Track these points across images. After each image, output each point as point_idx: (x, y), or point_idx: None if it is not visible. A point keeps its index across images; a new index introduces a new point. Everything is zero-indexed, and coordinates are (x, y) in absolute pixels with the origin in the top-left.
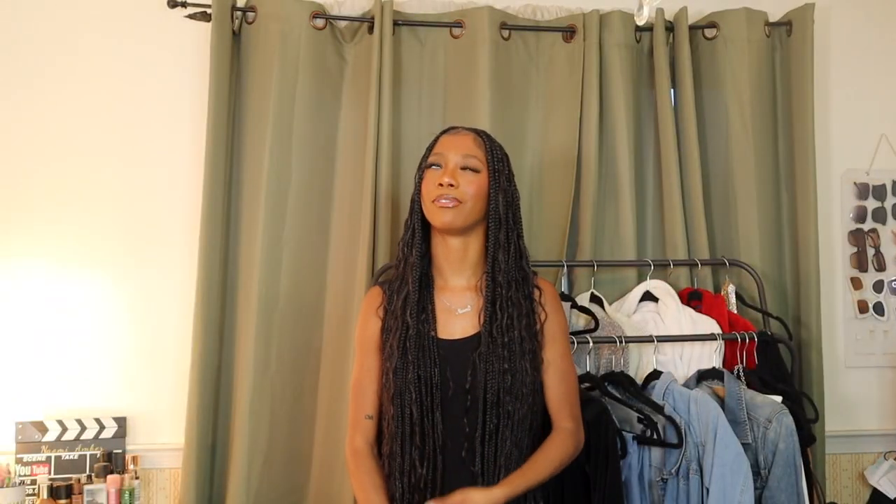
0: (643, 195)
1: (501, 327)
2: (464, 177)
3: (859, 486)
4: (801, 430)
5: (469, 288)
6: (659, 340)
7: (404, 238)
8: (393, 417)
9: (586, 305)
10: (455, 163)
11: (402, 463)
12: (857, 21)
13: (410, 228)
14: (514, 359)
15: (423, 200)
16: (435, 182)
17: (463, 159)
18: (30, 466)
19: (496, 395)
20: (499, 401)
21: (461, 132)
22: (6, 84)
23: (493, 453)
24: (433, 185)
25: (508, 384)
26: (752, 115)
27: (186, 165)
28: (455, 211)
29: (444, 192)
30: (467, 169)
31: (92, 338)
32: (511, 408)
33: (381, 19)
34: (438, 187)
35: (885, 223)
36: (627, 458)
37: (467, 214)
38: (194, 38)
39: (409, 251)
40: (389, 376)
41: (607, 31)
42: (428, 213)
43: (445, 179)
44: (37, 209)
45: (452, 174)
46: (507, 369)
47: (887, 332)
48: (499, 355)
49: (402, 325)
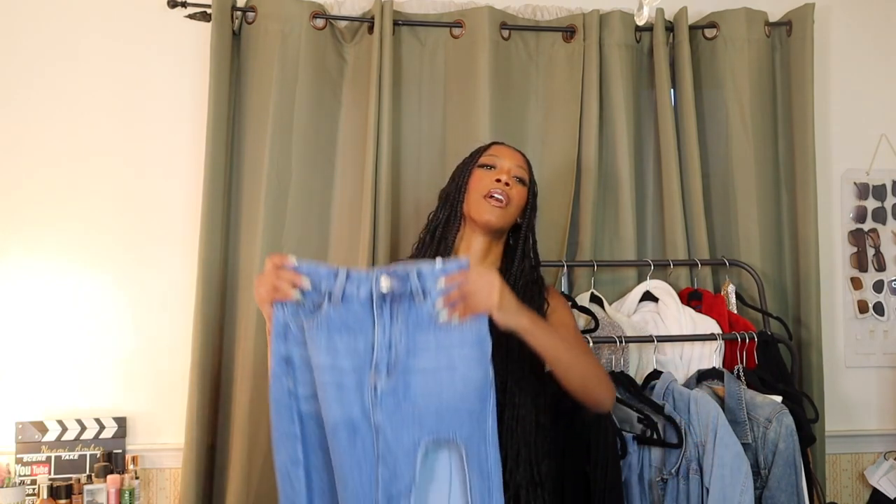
0: (643, 195)
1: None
2: (515, 184)
3: (859, 486)
4: (801, 430)
5: None
6: (659, 340)
7: (440, 226)
8: None
9: (586, 305)
10: (510, 169)
11: None
12: (857, 21)
13: (453, 217)
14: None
15: (470, 195)
16: (491, 178)
17: (516, 169)
18: (30, 466)
19: (504, 383)
20: (506, 389)
21: (511, 147)
22: (6, 84)
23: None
24: (489, 181)
25: (517, 377)
26: (752, 115)
27: (186, 165)
28: (502, 211)
29: (500, 188)
30: (517, 178)
31: (92, 338)
32: (517, 400)
33: (381, 19)
34: (495, 182)
35: (885, 223)
36: (627, 458)
37: (510, 217)
38: (194, 38)
39: (442, 237)
40: None
41: (607, 31)
42: (474, 207)
43: (504, 177)
44: (37, 209)
45: (509, 176)
46: (516, 359)
47: (887, 332)
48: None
49: None
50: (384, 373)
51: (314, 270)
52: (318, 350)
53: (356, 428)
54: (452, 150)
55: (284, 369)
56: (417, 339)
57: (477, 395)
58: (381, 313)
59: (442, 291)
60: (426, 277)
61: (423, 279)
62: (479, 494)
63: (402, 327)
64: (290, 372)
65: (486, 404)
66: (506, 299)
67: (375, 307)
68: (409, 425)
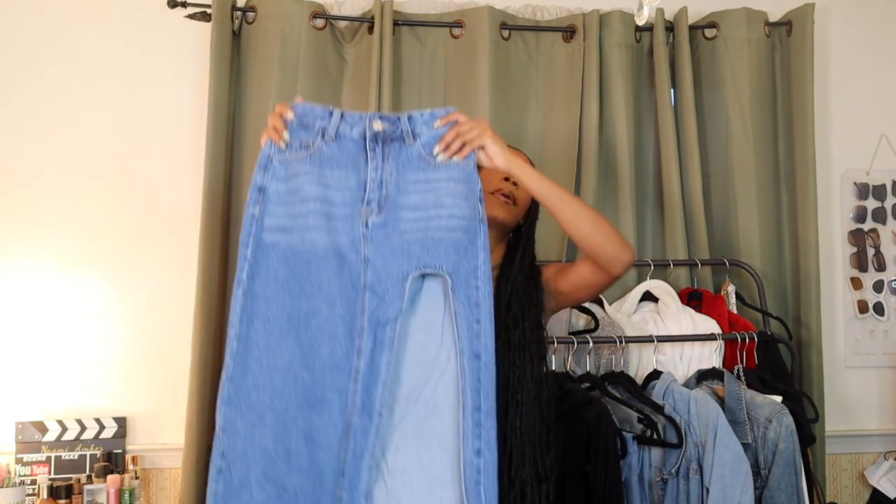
0: (643, 195)
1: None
2: (521, 186)
3: (859, 486)
4: (801, 430)
5: None
6: (659, 340)
7: None
8: None
9: (586, 305)
10: None
11: None
12: (857, 21)
13: None
14: (521, 341)
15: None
16: (500, 178)
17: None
18: (30, 466)
19: (506, 379)
20: (508, 385)
21: (517, 150)
22: (6, 85)
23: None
24: (497, 180)
25: (518, 374)
26: (752, 115)
27: (186, 165)
28: (510, 209)
29: (508, 188)
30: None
31: (92, 338)
32: (520, 397)
33: (381, 19)
34: (503, 182)
35: (885, 223)
36: (627, 458)
37: (515, 216)
38: (194, 38)
39: None
40: None
41: (607, 31)
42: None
43: (512, 177)
44: (37, 209)
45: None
46: (515, 344)
47: (887, 332)
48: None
49: None
50: (375, 208)
51: (310, 109)
52: (309, 181)
53: (343, 257)
54: None
55: (255, 197)
56: (407, 177)
57: (464, 229)
58: (374, 153)
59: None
60: (416, 121)
61: (413, 122)
62: (464, 322)
63: (392, 166)
64: (259, 200)
65: (476, 240)
66: (497, 136)
67: (368, 146)
68: (399, 257)
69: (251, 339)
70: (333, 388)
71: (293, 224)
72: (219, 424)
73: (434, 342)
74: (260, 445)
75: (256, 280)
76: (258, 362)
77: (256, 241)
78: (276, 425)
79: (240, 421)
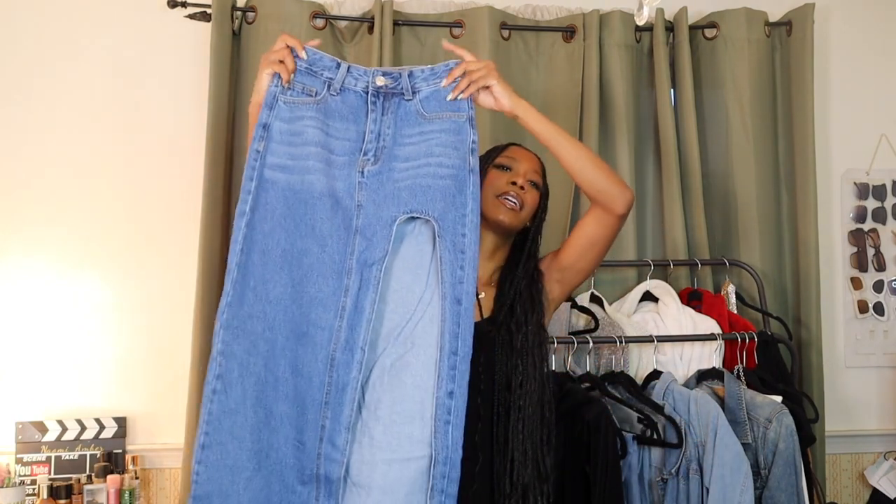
0: (643, 195)
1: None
2: (529, 189)
3: (859, 486)
4: (801, 430)
5: (488, 282)
6: (659, 340)
7: None
8: None
9: (586, 305)
10: (526, 172)
11: None
12: (857, 21)
13: None
14: (525, 345)
15: (485, 193)
16: (506, 180)
17: (532, 173)
18: (30, 466)
19: (508, 382)
20: (510, 387)
21: (529, 150)
22: (6, 85)
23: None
24: (503, 182)
25: (520, 379)
26: (752, 115)
27: (186, 165)
28: (515, 214)
29: (514, 191)
30: (532, 183)
31: (92, 338)
32: (522, 402)
33: (381, 19)
34: (510, 185)
35: (885, 223)
36: (627, 458)
37: (521, 220)
38: (194, 38)
39: None
40: None
41: (607, 31)
42: (488, 206)
43: (520, 181)
44: (37, 209)
45: (525, 180)
46: (518, 350)
47: (887, 332)
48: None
49: None
50: (371, 158)
51: (319, 57)
52: (312, 125)
53: (338, 201)
54: None
55: (260, 133)
56: (403, 131)
57: (453, 178)
58: (375, 106)
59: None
60: (416, 77)
61: (413, 79)
62: (449, 267)
63: (391, 119)
64: (264, 137)
65: (465, 189)
66: (504, 80)
67: (370, 100)
68: (389, 203)
69: (249, 269)
70: (319, 324)
71: (294, 164)
72: (216, 348)
73: (419, 284)
74: (254, 371)
75: (256, 213)
76: (254, 292)
77: (260, 177)
78: (268, 354)
79: (237, 346)
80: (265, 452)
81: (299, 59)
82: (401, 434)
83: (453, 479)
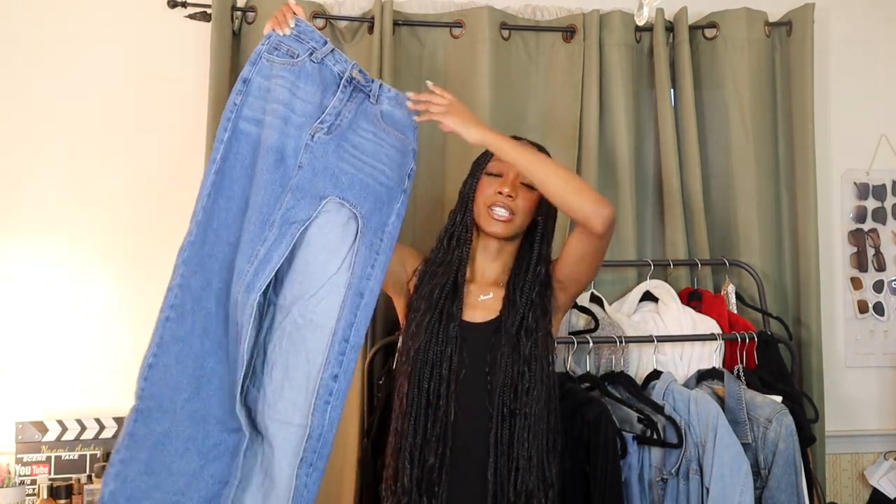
0: (643, 195)
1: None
2: (521, 191)
3: (859, 486)
4: (801, 430)
5: (495, 283)
6: (659, 340)
7: (454, 232)
8: (406, 395)
9: (586, 305)
10: (517, 176)
11: (412, 443)
12: (857, 21)
13: (463, 226)
14: (533, 352)
15: (478, 204)
16: (494, 189)
17: (524, 175)
18: (30, 466)
19: (514, 389)
20: (517, 394)
21: (525, 143)
22: (6, 85)
23: (507, 448)
24: (491, 192)
25: (526, 386)
26: (752, 115)
27: (186, 165)
28: (507, 225)
29: (502, 201)
30: (525, 185)
31: (92, 338)
32: (528, 409)
33: (381, 19)
34: (497, 195)
35: (885, 223)
36: (627, 458)
37: (517, 228)
38: (194, 38)
39: (457, 246)
40: (410, 354)
41: (607, 31)
42: (480, 218)
43: (506, 190)
44: (37, 209)
45: (513, 187)
46: (526, 357)
47: (887, 332)
48: (514, 342)
49: (432, 309)
50: (325, 128)
51: (311, 30)
52: (282, 84)
53: (283, 158)
54: (452, 151)
55: (240, 88)
56: (361, 123)
57: (387, 190)
58: (344, 91)
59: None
60: (384, 92)
61: (381, 91)
62: (361, 262)
63: (353, 107)
64: (242, 91)
65: (394, 204)
66: (465, 116)
67: (342, 84)
68: (325, 177)
69: (214, 213)
70: (238, 267)
71: (265, 119)
72: (175, 281)
73: (332, 265)
74: (205, 306)
75: (227, 162)
76: (216, 234)
77: (234, 128)
78: (219, 291)
79: (193, 281)
80: (206, 378)
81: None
82: (286, 399)
83: (323, 455)
